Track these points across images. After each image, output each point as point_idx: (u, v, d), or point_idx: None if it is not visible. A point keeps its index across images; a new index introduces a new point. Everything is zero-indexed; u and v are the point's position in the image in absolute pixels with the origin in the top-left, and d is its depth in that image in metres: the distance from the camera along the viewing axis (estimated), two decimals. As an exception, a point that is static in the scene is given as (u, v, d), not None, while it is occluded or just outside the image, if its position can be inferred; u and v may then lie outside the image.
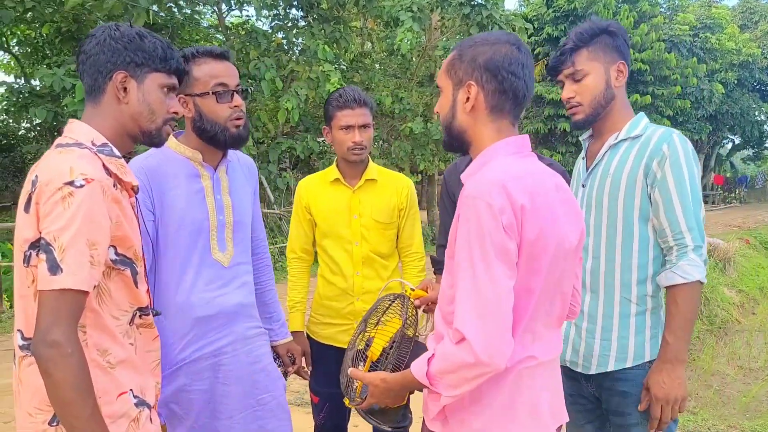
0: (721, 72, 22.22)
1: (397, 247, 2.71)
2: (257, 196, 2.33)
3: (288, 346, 2.43)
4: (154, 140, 1.63)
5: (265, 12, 10.29)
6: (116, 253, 1.48)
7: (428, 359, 1.42)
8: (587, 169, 2.12)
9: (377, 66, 14.06)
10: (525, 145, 1.51)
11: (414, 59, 12.45)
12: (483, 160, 1.49)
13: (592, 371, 2.02)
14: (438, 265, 2.58)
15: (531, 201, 1.37)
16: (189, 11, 10.73)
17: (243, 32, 11.15)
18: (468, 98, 1.50)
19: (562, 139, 19.32)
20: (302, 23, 11.15)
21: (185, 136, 2.11)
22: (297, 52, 11.21)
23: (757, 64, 23.92)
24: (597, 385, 2.04)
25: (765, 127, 28.34)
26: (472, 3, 10.63)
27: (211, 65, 2.02)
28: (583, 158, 2.18)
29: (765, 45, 25.12)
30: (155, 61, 1.56)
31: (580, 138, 2.23)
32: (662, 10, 21.68)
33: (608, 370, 1.99)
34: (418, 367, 1.44)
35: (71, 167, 1.38)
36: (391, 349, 1.73)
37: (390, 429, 1.86)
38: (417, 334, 1.83)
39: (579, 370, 2.05)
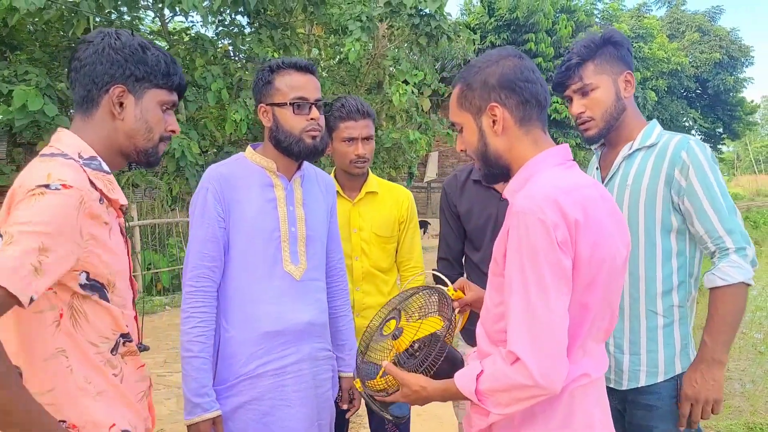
0: (652, 80, 23.16)
1: (396, 261, 2.64)
2: (335, 214, 2.24)
3: (352, 383, 2.26)
4: (150, 159, 1.53)
5: (210, 18, 10.04)
6: (87, 279, 1.34)
7: (477, 376, 1.37)
8: (602, 180, 2.09)
9: (325, 73, 13.96)
10: (567, 155, 1.47)
11: (362, 67, 12.38)
12: (526, 174, 1.44)
13: (624, 387, 1.99)
14: (437, 279, 2.50)
15: (584, 215, 1.33)
16: (129, 17, 10.35)
17: (187, 38, 10.84)
18: (495, 121, 1.46)
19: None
20: (249, 30, 10.94)
21: (263, 147, 2.08)
22: (244, 59, 10.99)
23: (685, 72, 25.12)
24: (621, 399, 2.02)
25: (692, 132, 29.71)
26: (421, 14, 10.69)
27: (293, 77, 1.99)
28: (597, 168, 2.15)
29: (692, 54, 26.40)
30: (157, 76, 1.48)
31: (592, 148, 2.20)
32: (597, 20, 22.44)
33: (641, 385, 1.96)
34: (465, 382, 1.39)
35: (49, 173, 1.27)
36: (418, 346, 1.61)
37: (391, 418, 1.75)
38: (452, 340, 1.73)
39: (611, 385, 2.00)
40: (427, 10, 10.66)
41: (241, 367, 1.94)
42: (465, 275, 2.51)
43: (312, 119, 1.99)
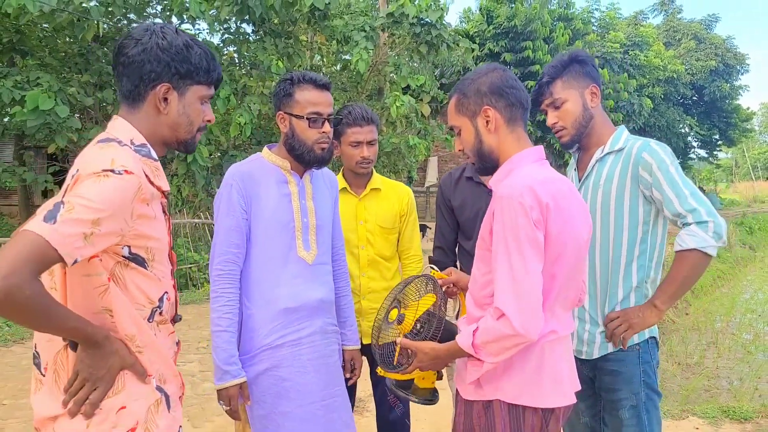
0: (648, 87, 23.35)
1: (398, 250, 2.93)
2: (338, 206, 2.53)
3: (353, 354, 2.58)
4: (188, 147, 1.66)
5: (216, 25, 10.32)
6: (129, 252, 1.47)
7: (473, 332, 1.68)
8: (579, 180, 2.40)
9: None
10: (542, 155, 1.81)
11: (364, 74, 12.70)
12: (509, 168, 1.77)
13: (595, 356, 2.30)
14: (436, 265, 2.81)
15: (554, 202, 1.66)
16: (136, 24, 10.66)
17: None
18: (488, 121, 1.79)
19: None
20: (253, 37, 11.22)
21: (278, 148, 2.36)
22: (248, 66, 11.27)
23: (681, 80, 25.27)
24: (592, 367, 2.32)
25: (688, 138, 29.90)
26: (422, 23, 10.97)
27: (312, 93, 2.26)
28: (575, 169, 2.46)
29: (688, 62, 26.56)
30: (199, 73, 1.58)
31: (570, 152, 2.51)
32: (594, 28, 22.72)
33: (608, 353, 2.27)
34: (463, 339, 1.71)
35: (113, 158, 1.39)
36: (420, 326, 1.94)
37: (418, 401, 2.08)
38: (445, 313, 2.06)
39: (584, 357, 2.31)
40: (428, 20, 10.96)
41: (263, 339, 2.23)
42: (458, 262, 2.82)
43: (324, 132, 2.28)
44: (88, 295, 1.45)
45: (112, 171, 1.37)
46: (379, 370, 2.05)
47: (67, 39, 9.98)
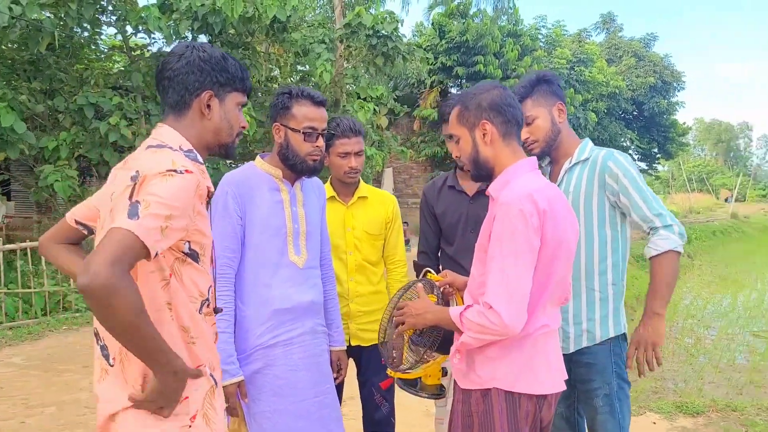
0: (593, 102, 24.13)
1: (383, 256, 3.03)
2: (324, 213, 2.61)
3: (339, 354, 2.67)
4: (229, 152, 1.77)
5: (173, 37, 10.22)
6: (189, 248, 1.59)
7: (465, 307, 1.86)
8: None
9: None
10: (535, 165, 1.97)
11: (323, 86, 12.78)
12: (506, 177, 1.92)
13: (571, 350, 2.46)
14: (418, 270, 2.94)
15: (550, 207, 1.82)
16: (89, 34, 10.46)
17: (148, 54, 11.00)
18: (485, 134, 1.94)
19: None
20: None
21: (270, 157, 2.44)
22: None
23: (623, 95, 26.21)
24: (567, 361, 2.46)
25: (630, 151, 30.99)
26: (379, 35, 11.14)
27: (309, 108, 2.36)
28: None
29: (628, 78, 27.58)
30: (236, 81, 1.71)
31: (543, 164, 2.69)
32: (541, 44, 23.38)
33: (582, 347, 2.43)
34: (455, 312, 1.88)
35: (173, 160, 1.52)
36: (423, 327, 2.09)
37: (427, 396, 2.24)
38: None
39: (562, 352, 2.45)
40: (384, 32, 11.14)
41: (256, 339, 2.30)
42: (440, 266, 2.95)
43: (317, 146, 2.39)
44: (152, 290, 1.54)
45: (175, 171, 1.48)
46: (389, 372, 2.19)
47: (20, 48, 9.74)
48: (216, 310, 1.78)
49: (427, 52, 18.02)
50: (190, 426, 1.56)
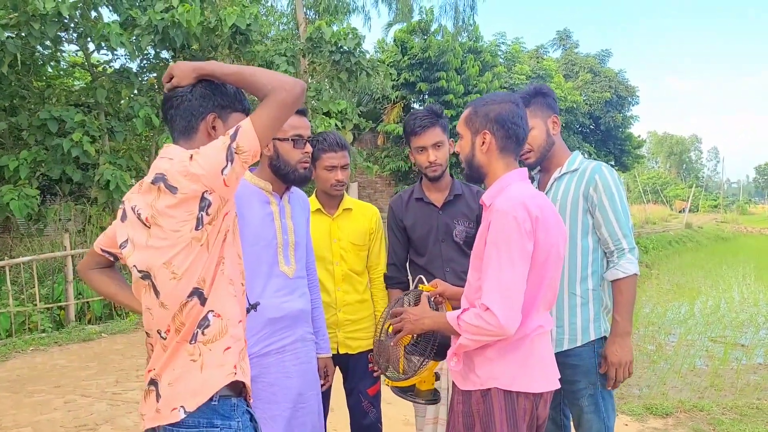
0: (551, 116, 24.67)
1: (367, 265, 3.11)
2: (309, 225, 2.68)
3: (326, 361, 2.73)
4: None
5: (135, 52, 10.17)
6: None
7: (462, 311, 1.95)
8: None
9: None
10: (526, 175, 2.08)
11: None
12: (500, 186, 2.03)
13: (554, 351, 2.54)
14: (389, 281, 3.04)
15: (541, 214, 1.93)
16: (50, 51, 10.33)
17: (110, 70, 10.90)
18: (483, 142, 2.05)
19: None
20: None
21: (259, 170, 2.50)
22: (169, 91, 11.10)
23: (580, 110, 26.74)
24: None
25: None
26: (341, 50, 11.26)
27: (293, 118, 2.43)
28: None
29: (585, 93, 28.23)
30: (235, 103, 1.82)
31: (533, 173, 2.80)
32: (501, 60, 23.82)
33: (564, 349, 2.54)
34: (452, 315, 1.97)
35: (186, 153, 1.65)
36: (417, 336, 2.19)
37: (423, 402, 2.32)
38: None
39: None
40: (346, 47, 11.26)
41: (250, 348, 2.33)
42: (410, 277, 3.05)
43: (306, 153, 2.47)
44: (214, 247, 1.69)
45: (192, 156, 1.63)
46: (386, 381, 2.28)
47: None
48: (250, 307, 1.90)
49: (390, 68, 18.21)
50: (234, 374, 1.68)
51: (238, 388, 1.74)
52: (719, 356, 9.09)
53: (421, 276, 2.49)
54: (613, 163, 32.75)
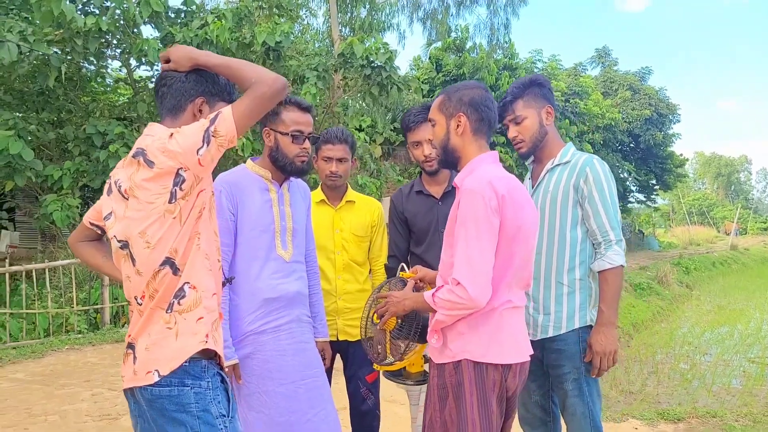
0: (589, 133, 24.28)
1: (369, 257, 3.23)
2: (310, 213, 2.81)
3: (323, 345, 2.85)
4: None
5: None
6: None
7: (437, 288, 2.05)
8: (532, 187, 2.77)
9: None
10: (497, 158, 2.19)
11: (318, 115, 13.10)
12: (471, 167, 2.14)
13: (539, 337, 2.64)
14: (389, 272, 3.15)
15: (508, 193, 2.03)
16: (95, 67, 10.82)
17: (151, 85, 11.34)
18: (458, 125, 2.16)
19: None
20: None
21: (260, 160, 2.66)
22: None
23: (619, 127, 26.33)
24: (540, 347, 2.65)
25: (627, 183, 31.19)
26: (373, 65, 11.45)
27: (296, 114, 2.59)
28: (529, 179, 2.84)
29: (624, 110, 27.78)
30: (224, 93, 1.97)
31: (526, 163, 2.89)
32: (537, 77, 23.65)
33: (549, 336, 2.61)
34: (428, 294, 2.07)
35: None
36: (401, 320, 2.31)
37: (413, 383, 2.46)
38: None
39: (531, 338, 2.62)
40: (377, 62, 11.45)
41: (247, 326, 2.50)
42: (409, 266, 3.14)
43: (304, 148, 2.61)
44: (189, 221, 1.81)
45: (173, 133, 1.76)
46: (375, 366, 2.40)
47: (28, 81, 10.07)
48: (225, 281, 2.00)
49: (424, 84, 18.37)
50: (206, 342, 1.80)
51: (209, 355, 1.85)
52: (755, 376, 8.88)
53: (403, 264, 2.60)
54: (654, 181, 32.20)
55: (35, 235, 13.64)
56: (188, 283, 1.80)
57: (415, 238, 3.13)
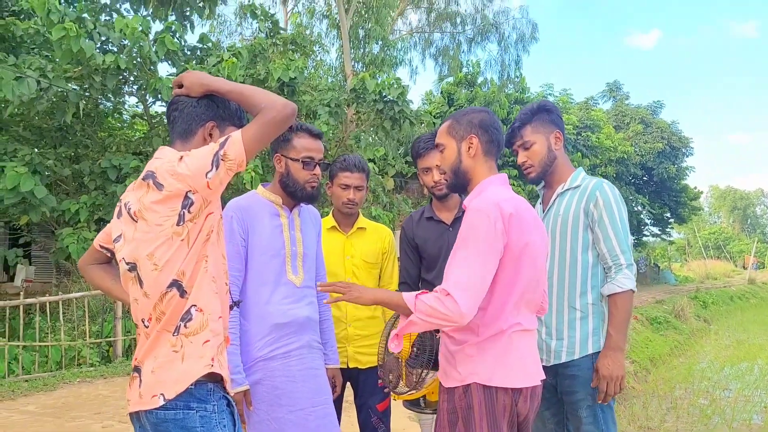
0: (601, 167, 24.28)
1: (380, 285, 3.23)
2: (320, 239, 2.82)
3: (334, 372, 2.82)
4: None
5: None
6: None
7: (422, 292, 2.01)
8: (543, 212, 2.78)
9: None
10: (506, 180, 2.20)
11: (331, 149, 13.23)
12: (480, 189, 2.16)
13: (552, 363, 2.61)
14: None
15: (516, 213, 2.03)
16: (112, 104, 11.03)
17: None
18: (470, 147, 2.18)
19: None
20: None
21: (271, 186, 2.68)
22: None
23: (632, 160, 26.31)
24: (554, 373, 2.61)
25: (642, 216, 31.00)
26: (385, 100, 11.59)
27: (307, 140, 2.62)
28: (540, 204, 2.85)
29: (636, 144, 27.77)
30: (234, 118, 1.99)
31: (536, 188, 2.90)
32: (548, 111, 23.79)
33: (562, 361, 2.59)
34: (409, 296, 2.02)
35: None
36: (416, 350, 2.30)
37: (431, 412, 2.43)
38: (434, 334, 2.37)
39: (545, 364, 2.59)
40: (390, 96, 11.58)
41: (257, 352, 2.48)
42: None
43: (314, 174, 2.63)
44: (197, 245, 1.81)
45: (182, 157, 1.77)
46: (394, 396, 2.38)
47: (46, 117, 10.28)
48: (233, 304, 2.01)
49: (436, 118, 18.53)
50: (212, 366, 1.80)
51: (215, 378, 1.85)
52: (777, 412, 8.68)
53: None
54: (668, 215, 31.97)
55: (50, 270, 13.74)
56: (195, 305, 1.80)
57: (425, 264, 3.13)
